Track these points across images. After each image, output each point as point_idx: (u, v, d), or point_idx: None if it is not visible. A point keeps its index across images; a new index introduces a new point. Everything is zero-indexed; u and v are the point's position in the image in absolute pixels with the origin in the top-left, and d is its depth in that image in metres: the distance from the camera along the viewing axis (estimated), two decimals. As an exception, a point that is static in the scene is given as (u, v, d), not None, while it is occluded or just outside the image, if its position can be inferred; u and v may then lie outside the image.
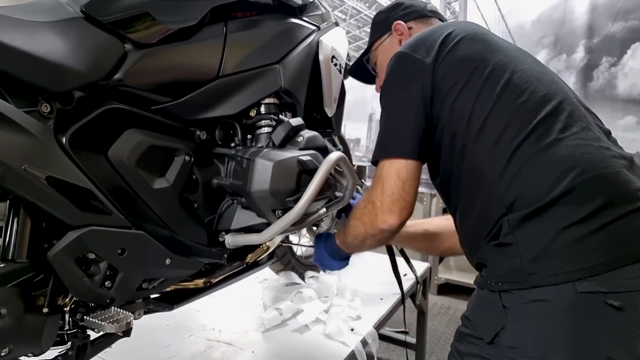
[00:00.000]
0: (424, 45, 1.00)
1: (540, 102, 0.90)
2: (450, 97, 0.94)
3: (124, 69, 0.84)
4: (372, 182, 1.02)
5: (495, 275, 0.86)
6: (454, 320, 2.68)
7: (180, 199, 0.96)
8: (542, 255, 0.80)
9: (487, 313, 0.87)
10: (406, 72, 1.00)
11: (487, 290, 0.88)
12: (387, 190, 0.97)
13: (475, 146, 0.90)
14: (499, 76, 0.93)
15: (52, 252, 0.75)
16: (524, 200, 0.83)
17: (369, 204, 1.02)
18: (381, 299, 1.64)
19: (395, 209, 0.97)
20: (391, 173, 0.97)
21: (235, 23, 1.02)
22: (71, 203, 0.75)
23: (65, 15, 0.80)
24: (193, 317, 1.47)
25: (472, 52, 0.97)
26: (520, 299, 0.81)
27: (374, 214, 1.00)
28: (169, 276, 0.97)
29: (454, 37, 0.99)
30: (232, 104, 1.02)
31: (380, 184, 0.99)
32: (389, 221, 0.98)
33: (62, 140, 0.76)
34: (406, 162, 0.97)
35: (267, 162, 0.96)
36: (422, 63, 0.97)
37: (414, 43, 1.03)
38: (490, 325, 0.85)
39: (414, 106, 0.97)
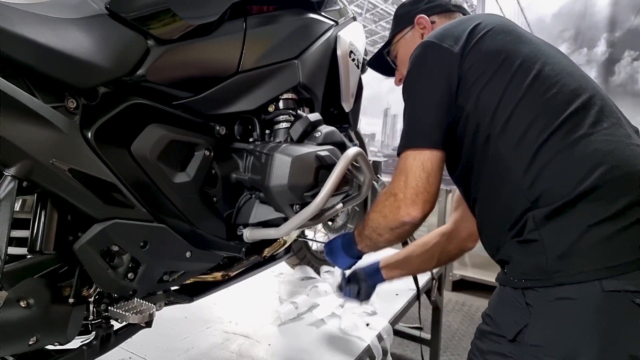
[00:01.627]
0: (451, 35, 0.98)
1: (570, 95, 0.88)
2: (477, 88, 0.92)
3: (146, 65, 0.85)
4: (394, 173, 1.00)
5: (518, 273, 0.85)
6: (468, 316, 2.67)
7: (200, 193, 0.97)
8: (568, 253, 0.79)
9: (509, 311, 0.86)
10: (432, 61, 0.98)
11: (510, 287, 0.87)
12: (411, 182, 0.95)
13: (500, 139, 0.89)
14: (528, 68, 0.91)
15: (78, 244, 0.77)
16: (550, 196, 0.82)
17: (390, 196, 0.99)
18: (396, 295, 1.64)
19: (418, 201, 0.95)
20: (416, 164, 0.95)
21: (255, 19, 1.03)
22: (96, 196, 0.77)
23: (91, 12, 0.81)
24: (210, 309, 1.49)
25: (501, 43, 0.95)
26: (545, 296, 0.81)
27: (395, 206, 0.98)
28: (188, 269, 0.99)
29: (482, 28, 0.97)
30: (251, 99, 1.03)
31: (403, 176, 0.96)
32: (412, 213, 0.96)
33: (87, 135, 0.77)
34: (431, 153, 0.94)
35: (285, 157, 0.97)
36: (450, 52, 0.95)
37: (440, 33, 1.01)
38: (513, 323, 0.84)
39: (440, 96, 0.95)
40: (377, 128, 3.15)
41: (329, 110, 1.30)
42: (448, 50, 0.96)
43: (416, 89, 0.99)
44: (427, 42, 1.01)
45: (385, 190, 1.03)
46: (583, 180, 0.80)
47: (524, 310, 0.83)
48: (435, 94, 0.95)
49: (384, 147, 3.13)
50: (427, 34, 1.18)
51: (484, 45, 0.95)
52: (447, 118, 0.95)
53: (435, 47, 0.98)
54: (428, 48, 1.00)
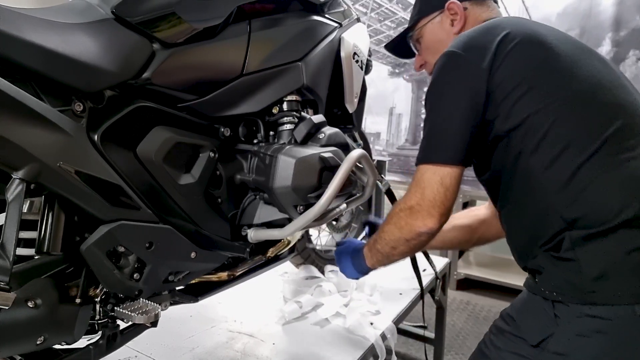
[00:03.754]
0: (477, 46, 0.94)
1: (609, 115, 0.86)
2: (507, 105, 0.90)
3: (152, 68, 0.86)
4: (411, 185, 0.98)
5: (551, 285, 0.86)
6: (472, 315, 2.67)
7: (204, 194, 0.98)
8: (604, 275, 0.80)
9: (536, 318, 0.88)
10: (458, 75, 0.95)
11: (540, 297, 0.88)
12: (428, 195, 0.94)
13: (532, 157, 0.87)
14: (563, 87, 0.88)
15: (84, 245, 0.78)
16: (589, 219, 0.82)
17: (406, 209, 0.98)
18: (400, 294, 1.64)
19: (435, 212, 0.94)
20: (434, 180, 0.93)
21: (259, 21, 1.04)
22: (102, 198, 0.78)
23: (97, 16, 0.83)
24: (215, 308, 1.51)
25: (532, 58, 0.92)
26: (575, 311, 0.82)
27: (412, 218, 0.96)
28: (194, 269, 1.00)
29: (511, 40, 0.93)
30: (255, 101, 1.04)
31: (420, 189, 0.95)
32: (429, 224, 0.95)
33: (94, 137, 0.79)
34: (451, 169, 0.93)
35: (289, 158, 0.98)
36: (477, 67, 0.92)
37: (466, 43, 0.96)
38: (538, 329, 0.86)
39: (464, 111, 0.92)
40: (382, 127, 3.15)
41: (332, 111, 1.30)
42: (475, 66, 0.92)
43: (440, 103, 0.96)
44: (452, 52, 0.96)
45: (400, 203, 1.01)
46: (626, 207, 0.80)
47: (551, 321, 0.85)
48: (458, 109, 0.93)
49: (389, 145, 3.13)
50: (458, 22, 1.14)
51: (514, 60, 0.91)
52: (470, 134, 0.92)
53: (461, 59, 0.94)
54: (453, 60, 0.96)
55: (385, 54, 2.95)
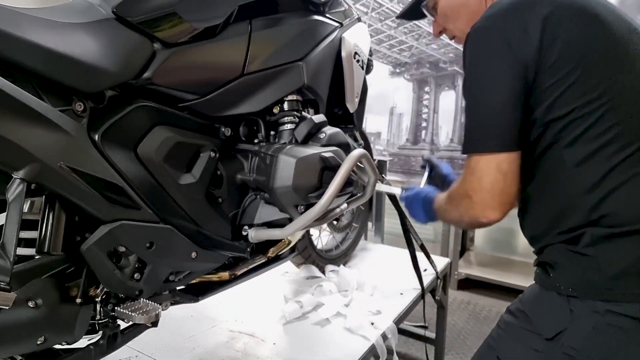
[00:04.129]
0: (520, 19, 0.85)
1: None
2: (552, 93, 0.84)
3: (152, 68, 0.86)
4: (465, 172, 0.92)
5: (566, 281, 0.86)
6: (473, 315, 2.67)
7: (205, 194, 0.98)
8: (624, 274, 0.80)
9: (550, 312, 0.87)
10: (503, 53, 0.85)
11: (554, 292, 0.87)
12: (485, 186, 0.88)
13: (567, 150, 0.84)
14: (616, 80, 0.83)
15: (85, 245, 0.78)
16: (615, 219, 0.81)
17: (465, 197, 0.92)
18: (401, 294, 1.64)
19: (495, 203, 0.88)
20: (490, 167, 0.87)
21: (260, 21, 1.03)
22: (103, 198, 0.78)
23: (98, 16, 0.82)
24: (216, 308, 1.51)
25: (587, 38, 0.84)
26: (590, 306, 0.82)
27: (471, 207, 0.91)
28: (194, 269, 1.00)
29: (561, 14, 0.84)
30: (256, 101, 1.04)
31: (476, 178, 0.89)
32: (490, 217, 0.89)
33: (94, 137, 0.78)
34: (508, 155, 0.87)
35: (290, 158, 0.98)
36: (524, 45, 0.84)
37: (506, 16, 0.87)
38: (552, 324, 0.86)
39: (515, 92, 0.85)
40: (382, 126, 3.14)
41: (333, 111, 1.30)
42: (521, 42, 0.84)
43: (486, 85, 0.88)
44: (492, 28, 0.87)
45: (458, 187, 0.96)
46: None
47: (566, 316, 0.84)
48: (509, 91, 0.85)
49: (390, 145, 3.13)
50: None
51: (567, 39, 0.83)
52: (522, 115, 0.86)
53: (504, 35, 0.85)
54: (494, 36, 0.86)
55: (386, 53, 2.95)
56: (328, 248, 1.86)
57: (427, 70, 2.89)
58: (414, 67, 2.92)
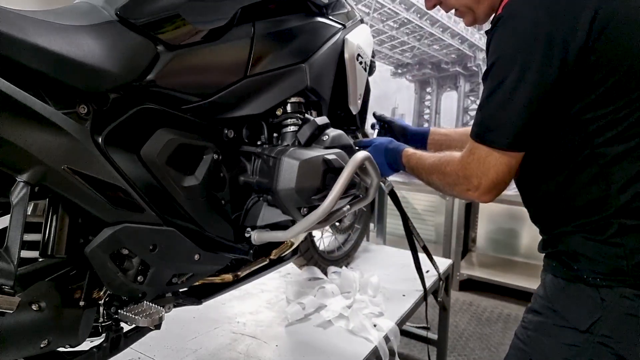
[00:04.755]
0: (565, 15, 0.82)
1: None
2: (592, 91, 0.83)
3: (156, 70, 0.86)
4: (469, 155, 0.94)
5: (594, 273, 0.88)
6: (475, 316, 2.66)
7: (208, 196, 0.98)
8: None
9: (581, 304, 0.89)
10: (548, 47, 0.82)
11: (582, 284, 0.89)
12: (491, 178, 0.91)
13: (600, 148, 0.85)
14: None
15: (89, 248, 0.78)
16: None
17: (465, 180, 0.95)
18: (403, 296, 1.64)
19: (494, 192, 0.93)
20: (501, 163, 0.90)
21: (263, 23, 1.03)
22: (106, 201, 0.78)
23: (101, 18, 0.83)
24: (218, 309, 1.51)
25: (630, 40, 0.83)
26: (620, 293, 0.85)
27: (468, 190, 0.95)
28: (197, 271, 1.00)
29: (606, 17, 0.81)
30: (259, 103, 1.04)
31: (483, 169, 0.91)
32: (483, 198, 0.95)
33: (98, 140, 0.78)
34: (518, 154, 0.90)
35: (293, 160, 0.98)
36: (565, 43, 0.81)
37: (549, 6, 0.83)
38: (585, 315, 0.88)
39: (546, 92, 0.84)
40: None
41: (336, 113, 1.30)
42: (564, 40, 0.81)
43: (515, 81, 0.85)
44: (533, 17, 0.83)
45: (457, 168, 0.97)
46: None
47: (597, 305, 0.87)
48: (538, 93, 0.84)
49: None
50: None
51: (611, 43, 0.81)
52: (543, 116, 0.86)
53: (546, 30, 0.82)
54: (538, 26, 0.82)
55: (387, 54, 2.94)
56: (330, 249, 1.85)
57: (429, 71, 2.88)
58: (416, 67, 2.91)
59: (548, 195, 0.95)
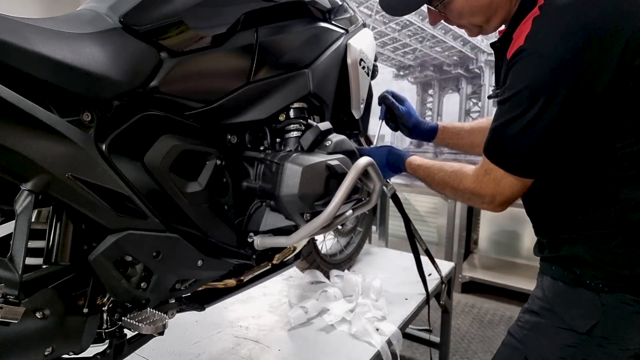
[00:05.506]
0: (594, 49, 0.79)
1: None
2: (616, 126, 0.83)
3: (159, 77, 0.86)
4: (483, 174, 0.96)
5: (597, 278, 0.89)
6: (477, 319, 2.66)
7: (211, 201, 0.98)
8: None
9: (582, 308, 0.91)
10: (571, 85, 0.81)
11: (582, 288, 0.91)
12: (507, 195, 0.94)
13: (616, 171, 0.86)
14: None
15: (92, 255, 0.78)
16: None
17: (479, 196, 0.98)
18: (406, 299, 1.64)
19: (505, 206, 0.97)
20: (516, 186, 0.92)
21: (266, 29, 1.03)
22: (110, 208, 0.78)
23: (105, 26, 0.83)
24: (221, 313, 1.51)
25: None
26: (620, 299, 0.87)
27: (480, 202, 0.99)
28: (200, 277, 1.00)
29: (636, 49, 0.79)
30: (262, 108, 1.04)
31: (499, 190, 0.93)
32: (497, 210, 0.98)
33: (102, 147, 0.79)
34: (531, 180, 0.93)
35: (296, 166, 0.98)
36: (594, 78, 0.80)
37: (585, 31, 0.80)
38: (585, 318, 0.90)
39: (569, 123, 0.84)
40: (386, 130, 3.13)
41: (339, 117, 1.30)
42: (592, 77, 0.80)
43: (542, 110, 0.84)
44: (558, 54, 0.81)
45: (472, 185, 0.99)
46: None
47: (598, 309, 0.89)
48: (564, 122, 0.84)
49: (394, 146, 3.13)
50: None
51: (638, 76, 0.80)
52: (560, 143, 0.87)
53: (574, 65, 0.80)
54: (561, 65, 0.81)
55: (389, 56, 2.94)
56: (332, 252, 1.85)
57: (431, 73, 2.88)
58: (418, 70, 2.91)
59: (555, 208, 0.97)
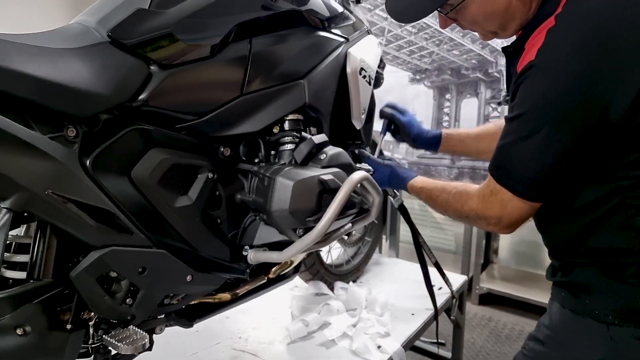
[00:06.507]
0: (613, 69, 0.73)
1: None
2: (632, 153, 0.78)
3: (148, 90, 0.85)
4: (488, 195, 0.91)
5: (607, 309, 0.84)
6: (494, 333, 2.57)
7: (203, 215, 0.97)
8: None
9: (589, 341, 0.86)
10: (584, 107, 0.75)
11: (591, 319, 0.86)
12: (514, 217, 0.89)
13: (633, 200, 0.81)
14: None
15: (74, 272, 0.78)
16: None
17: (484, 218, 0.93)
18: (412, 314, 1.59)
19: (513, 228, 0.92)
20: (524, 210, 0.88)
21: (261, 39, 1.01)
22: (93, 225, 0.78)
23: (92, 40, 0.82)
24: (222, 322, 1.49)
25: None
26: (631, 333, 0.82)
27: (486, 224, 0.94)
28: (190, 292, 0.98)
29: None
30: (255, 121, 1.01)
31: (506, 212, 0.89)
32: (505, 231, 0.94)
33: (86, 162, 0.78)
34: (540, 204, 0.88)
35: (287, 181, 0.95)
36: (611, 101, 0.74)
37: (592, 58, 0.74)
38: (592, 351, 0.85)
39: (577, 150, 0.79)
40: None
41: (340, 128, 1.26)
42: (608, 99, 0.74)
43: (553, 133, 0.79)
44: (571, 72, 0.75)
45: (477, 207, 0.94)
46: None
47: (606, 343, 0.83)
48: (576, 146, 0.78)
49: (409, 154, 3.06)
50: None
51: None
52: (575, 172, 0.82)
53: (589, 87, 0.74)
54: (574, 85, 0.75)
55: (405, 59, 2.89)
56: (338, 263, 1.82)
57: (448, 77, 2.81)
58: (435, 73, 2.84)
59: (565, 231, 0.91)
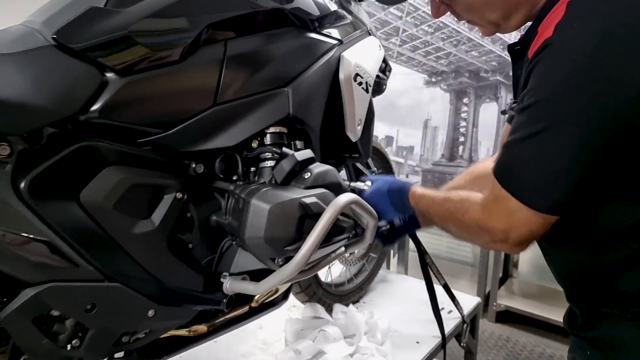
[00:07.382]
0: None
1: None
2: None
3: (102, 100, 0.74)
4: (493, 204, 0.78)
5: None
6: (512, 355, 2.39)
7: (170, 241, 0.85)
8: None
9: None
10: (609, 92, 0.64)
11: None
12: (523, 232, 0.75)
13: None
14: None
15: (3, 313, 0.67)
16: None
17: (487, 230, 0.79)
18: (417, 343, 1.45)
19: (524, 246, 0.78)
20: (535, 222, 0.73)
21: (238, 42, 0.90)
22: (27, 259, 0.67)
23: (34, 44, 0.72)
24: (209, 347, 1.38)
25: None
26: None
27: (490, 240, 0.80)
28: (153, 328, 0.87)
29: None
30: (230, 134, 0.90)
31: (513, 225, 0.75)
32: (514, 250, 0.81)
33: (20, 185, 0.67)
34: (556, 217, 0.73)
35: (262, 204, 0.83)
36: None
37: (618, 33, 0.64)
38: None
39: (600, 148, 0.66)
40: (416, 140, 2.92)
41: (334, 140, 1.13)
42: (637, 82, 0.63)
43: (566, 133, 0.67)
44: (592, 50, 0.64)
45: (477, 213, 0.81)
46: None
47: None
48: (594, 147, 0.66)
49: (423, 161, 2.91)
50: None
51: None
52: (598, 180, 0.69)
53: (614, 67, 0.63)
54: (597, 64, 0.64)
55: (420, 61, 2.73)
56: (339, 282, 1.69)
57: (466, 80, 2.64)
58: (452, 76, 2.68)
59: (588, 272, 0.77)
